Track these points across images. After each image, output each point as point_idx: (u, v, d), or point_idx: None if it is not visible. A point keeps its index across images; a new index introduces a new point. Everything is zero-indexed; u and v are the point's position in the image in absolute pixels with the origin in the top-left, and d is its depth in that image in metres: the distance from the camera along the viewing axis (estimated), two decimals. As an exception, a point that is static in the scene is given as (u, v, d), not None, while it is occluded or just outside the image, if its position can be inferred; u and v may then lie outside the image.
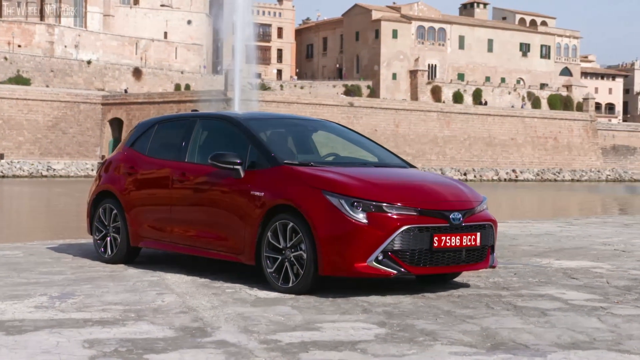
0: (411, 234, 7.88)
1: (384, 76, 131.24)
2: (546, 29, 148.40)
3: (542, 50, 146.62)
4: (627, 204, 52.52)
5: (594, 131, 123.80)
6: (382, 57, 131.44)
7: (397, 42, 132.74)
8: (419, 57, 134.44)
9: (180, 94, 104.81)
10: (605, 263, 10.95)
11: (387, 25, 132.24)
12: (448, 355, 5.80)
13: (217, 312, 7.19)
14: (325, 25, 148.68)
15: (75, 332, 6.33)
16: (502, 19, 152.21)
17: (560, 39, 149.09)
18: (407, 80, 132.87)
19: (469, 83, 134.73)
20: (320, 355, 5.74)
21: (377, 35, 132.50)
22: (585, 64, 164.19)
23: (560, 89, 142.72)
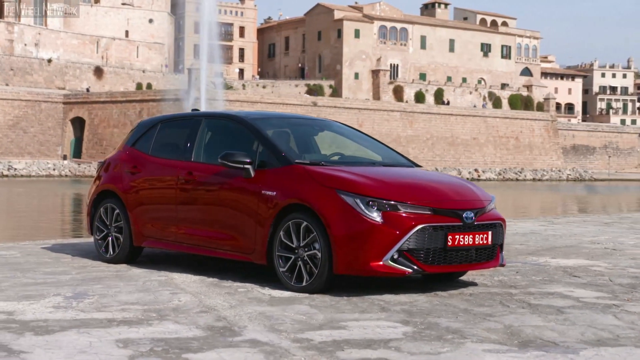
0: (426, 233, 7.93)
1: (346, 76, 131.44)
2: (507, 29, 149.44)
3: (502, 51, 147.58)
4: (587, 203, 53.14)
5: (555, 131, 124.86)
6: (345, 57, 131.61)
7: (360, 41, 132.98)
8: (381, 56, 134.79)
9: (144, 93, 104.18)
10: (600, 261, 11.07)
11: (350, 25, 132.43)
12: (482, 353, 5.85)
13: (237, 312, 7.19)
14: (287, 24, 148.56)
15: (103, 332, 6.31)
16: (463, 19, 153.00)
17: (520, 40, 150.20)
18: (369, 79, 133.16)
19: (430, 83, 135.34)
20: (356, 353, 5.77)
21: (339, 35, 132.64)
22: (545, 64, 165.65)
23: (521, 89, 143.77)
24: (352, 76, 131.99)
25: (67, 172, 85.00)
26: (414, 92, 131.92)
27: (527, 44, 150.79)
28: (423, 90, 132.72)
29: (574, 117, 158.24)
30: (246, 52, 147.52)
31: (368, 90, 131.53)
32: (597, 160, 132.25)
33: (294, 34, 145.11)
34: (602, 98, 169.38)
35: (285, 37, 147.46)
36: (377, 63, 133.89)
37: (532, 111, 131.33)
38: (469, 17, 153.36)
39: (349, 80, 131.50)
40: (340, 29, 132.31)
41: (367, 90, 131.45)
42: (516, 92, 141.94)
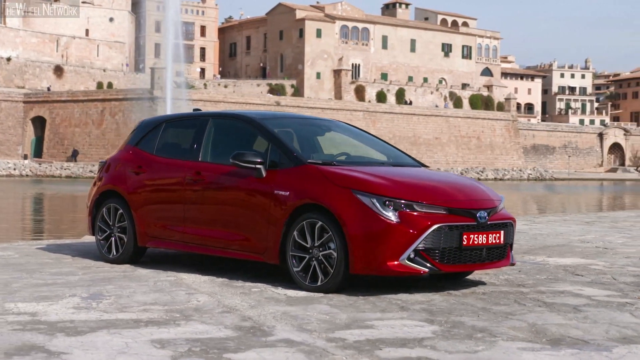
0: (442, 232, 7.99)
1: (308, 75, 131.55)
2: (467, 29, 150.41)
3: (463, 51, 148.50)
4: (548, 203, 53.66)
5: (516, 131, 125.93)
6: (306, 57, 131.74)
7: (321, 41, 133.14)
8: (343, 56, 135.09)
9: (105, 92, 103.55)
10: (596, 260, 11.20)
11: (311, 25, 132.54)
12: (518, 351, 5.91)
13: (260, 312, 7.19)
14: (248, 24, 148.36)
15: (134, 333, 6.29)
16: (424, 20, 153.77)
17: (481, 40, 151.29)
18: (331, 79, 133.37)
19: (392, 83, 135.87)
20: (395, 352, 5.80)
21: (301, 35, 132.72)
22: (505, 65, 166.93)
23: (482, 89, 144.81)
24: (314, 76, 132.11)
25: (28, 172, 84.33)
26: (376, 92, 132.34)
27: (487, 44, 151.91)
28: (385, 90, 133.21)
29: (533, 117, 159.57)
30: (207, 51, 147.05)
31: (330, 90, 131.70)
32: (556, 159, 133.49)
33: (255, 33, 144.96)
34: (561, 98, 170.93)
35: (247, 37, 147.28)
36: (339, 63, 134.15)
37: (493, 111, 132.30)
38: (430, 17, 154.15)
39: (310, 80, 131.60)
40: (302, 28, 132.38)
41: (329, 89, 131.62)
42: (477, 92, 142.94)
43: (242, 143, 9.30)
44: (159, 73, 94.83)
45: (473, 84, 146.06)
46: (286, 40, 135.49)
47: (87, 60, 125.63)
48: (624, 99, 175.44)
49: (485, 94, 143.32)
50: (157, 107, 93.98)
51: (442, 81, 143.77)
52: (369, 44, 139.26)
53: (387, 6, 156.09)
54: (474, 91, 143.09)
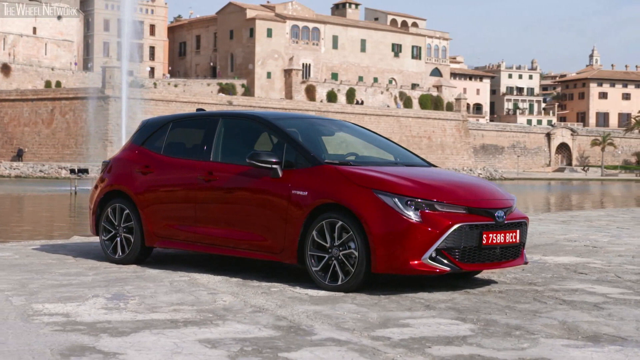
0: (462, 231, 8.08)
1: (258, 75, 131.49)
2: (417, 30, 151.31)
3: (413, 51, 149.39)
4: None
5: (466, 131, 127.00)
6: (257, 56, 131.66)
7: (272, 41, 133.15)
8: (294, 56, 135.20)
9: (55, 91, 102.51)
10: (592, 259, 11.38)
11: (262, 24, 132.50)
12: (563, 348, 6.01)
13: (291, 311, 7.21)
14: (198, 23, 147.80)
15: (177, 333, 6.28)
16: (374, 20, 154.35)
17: (430, 40, 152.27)
18: (281, 79, 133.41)
19: (342, 83, 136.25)
20: (445, 350, 5.87)
21: (251, 34, 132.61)
22: (454, 65, 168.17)
23: (431, 89, 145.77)
24: (264, 75, 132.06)
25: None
26: (326, 92, 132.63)
27: (436, 44, 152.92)
28: (335, 90, 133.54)
29: (482, 117, 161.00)
30: (157, 50, 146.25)
31: (280, 90, 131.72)
32: (505, 159, 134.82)
33: (205, 32, 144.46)
34: (509, 98, 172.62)
35: (197, 36, 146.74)
36: (290, 62, 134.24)
37: (444, 111, 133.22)
38: (380, 17, 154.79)
39: (261, 80, 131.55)
40: (253, 28, 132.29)
41: (279, 89, 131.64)
42: (426, 92, 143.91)
43: (256, 143, 9.32)
44: (110, 72, 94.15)
45: (423, 84, 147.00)
46: (236, 39, 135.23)
47: (35, 59, 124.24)
48: (570, 99, 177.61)
49: (434, 94, 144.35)
50: (108, 107, 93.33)
51: (392, 81, 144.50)
52: (319, 43, 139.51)
53: (336, 6, 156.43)
54: (424, 91, 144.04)
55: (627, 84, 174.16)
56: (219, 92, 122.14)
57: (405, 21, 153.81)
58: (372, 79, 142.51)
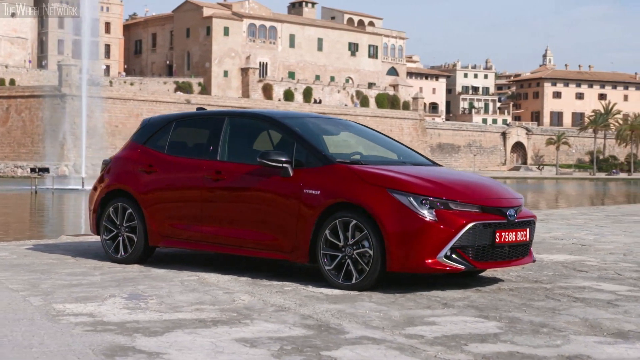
0: (477, 230, 8.15)
1: (215, 73, 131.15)
2: (373, 29, 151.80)
3: (369, 50, 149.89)
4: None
5: (423, 130, 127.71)
6: (214, 55, 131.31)
7: (229, 39, 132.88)
8: (251, 54, 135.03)
9: (11, 89, 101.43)
10: (585, 257, 11.52)
11: (219, 23, 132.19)
12: (597, 344, 6.09)
13: (313, 310, 7.23)
14: (154, 20, 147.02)
15: (210, 332, 6.27)
16: (330, 19, 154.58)
17: (387, 40, 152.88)
18: (238, 77, 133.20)
19: (299, 81, 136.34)
20: (482, 347, 5.92)
21: (208, 32, 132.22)
22: (411, 64, 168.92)
23: (388, 88, 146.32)
24: (221, 74, 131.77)
25: None
26: (283, 91, 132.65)
27: (393, 44, 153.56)
28: (292, 89, 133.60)
29: (438, 116, 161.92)
30: (112, 48, 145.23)
31: (237, 88, 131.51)
32: (461, 158, 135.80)
33: (161, 30, 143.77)
34: (464, 98, 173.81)
35: (153, 34, 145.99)
36: (247, 61, 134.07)
37: (401, 110, 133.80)
38: (337, 16, 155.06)
39: (218, 78, 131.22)
40: (210, 26, 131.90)
41: (236, 88, 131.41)
42: (383, 91, 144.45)
43: (265, 143, 9.32)
44: (67, 70, 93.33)
45: (379, 83, 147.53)
46: (193, 38, 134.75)
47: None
48: (524, 98, 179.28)
49: (391, 93, 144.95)
50: (65, 105, 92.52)
51: (348, 80, 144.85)
52: (276, 42, 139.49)
53: (293, 5, 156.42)
54: (380, 90, 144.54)
55: (580, 83, 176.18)
56: (176, 91, 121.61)
57: (362, 20, 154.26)
58: (329, 77, 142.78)
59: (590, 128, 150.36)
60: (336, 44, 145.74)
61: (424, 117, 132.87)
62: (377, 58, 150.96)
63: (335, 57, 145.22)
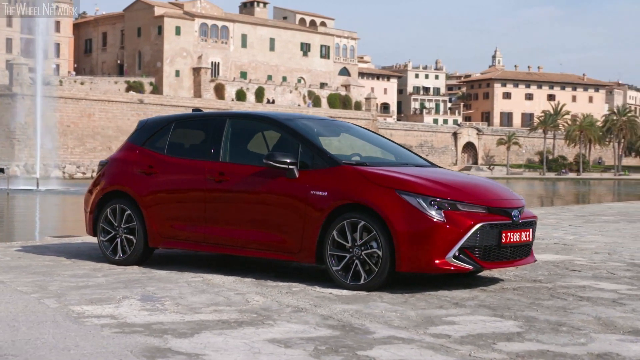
0: (484, 230, 8.28)
1: (167, 73, 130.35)
2: (325, 29, 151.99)
3: (321, 50, 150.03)
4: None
5: (376, 130, 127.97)
6: (165, 54, 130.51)
7: (180, 39, 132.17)
8: (202, 54, 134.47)
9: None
10: (572, 256, 11.72)
11: (170, 22, 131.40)
12: (621, 342, 6.23)
13: (330, 311, 7.29)
14: (104, 19, 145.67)
15: (238, 333, 6.31)
16: (282, 19, 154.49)
17: (339, 40, 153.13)
18: (190, 77, 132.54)
19: (251, 81, 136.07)
20: (511, 346, 6.03)
21: (160, 32, 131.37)
22: (362, 65, 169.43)
23: (339, 89, 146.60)
24: (173, 74, 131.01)
25: None
26: (236, 91, 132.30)
27: (345, 44, 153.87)
28: (244, 89, 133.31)
29: (389, 116, 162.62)
30: (62, 47, 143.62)
31: (189, 88, 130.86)
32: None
33: (112, 29, 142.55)
34: (415, 98, 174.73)
35: (103, 33, 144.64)
36: (198, 61, 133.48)
37: (354, 110, 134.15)
38: (289, 16, 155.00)
39: (169, 78, 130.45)
40: (161, 25, 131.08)
41: (188, 88, 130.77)
42: (335, 91, 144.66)
43: (268, 144, 9.37)
44: (18, 69, 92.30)
45: (331, 84, 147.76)
46: (144, 37, 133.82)
47: None
48: (475, 99, 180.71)
49: (343, 94, 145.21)
50: (16, 104, 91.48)
51: (300, 80, 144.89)
52: (228, 42, 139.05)
53: (244, 4, 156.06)
54: (332, 90, 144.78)
55: (529, 84, 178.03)
56: (127, 91, 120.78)
57: (313, 20, 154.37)
58: (281, 78, 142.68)
59: (540, 128, 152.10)
60: (288, 44, 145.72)
61: (377, 118, 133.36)
62: (329, 58, 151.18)
63: (287, 57, 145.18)
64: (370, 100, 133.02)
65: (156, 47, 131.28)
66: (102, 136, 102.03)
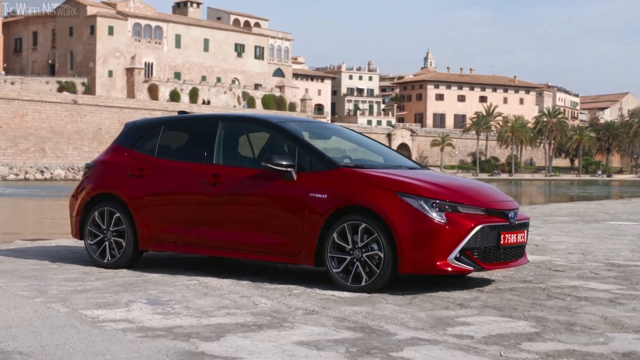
0: (484, 232, 8.40)
1: (99, 73, 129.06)
2: (260, 30, 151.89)
3: (256, 51, 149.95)
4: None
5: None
6: (98, 54, 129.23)
7: (113, 38, 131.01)
8: (136, 54, 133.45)
9: None
10: (548, 257, 11.92)
11: (103, 22, 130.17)
12: (638, 341, 6.38)
13: (341, 313, 7.32)
14: (35, 18, 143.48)
15: (264, 336, 6.31)
16: (216, 19, 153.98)
17: (273, 41, 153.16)
18: (123, 78, 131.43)
19: (185, 82, 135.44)
20: (537, 346, 6.12)
21: (92, 32, 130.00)
22: (297, 66, 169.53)
23: (274, 90, 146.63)
24: (105, 74, 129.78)
25: None
26: (169, 91, 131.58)
27: (279, 45, 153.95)
28: (178, 90, 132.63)
29: (323, 117, 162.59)
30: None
31: (122, 89, 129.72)
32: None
33: (43, 28, 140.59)
34: (349, 99, 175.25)
35: (34, 32, 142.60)
36: (132, 61, 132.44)
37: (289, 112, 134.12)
38: (223, 17, 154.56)
39: (102, 78, 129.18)
40: (94, 25, 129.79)
41: (121, 88, 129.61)
42: (269, 92, 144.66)
43: (264, 147, 9.37)
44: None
45: (266, 84, 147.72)
46: (76, 36, 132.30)
47: None
48: (408, 100, 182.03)
49: (277, 95, 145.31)
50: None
51: (235, 81, 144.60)
52: (162, 42, 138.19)
53: (178, 5, 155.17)
54: (267, 91, 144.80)
55: (462, 86, 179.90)
56: (59, 91, 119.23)
57: (248, 21, 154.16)
58: (216, 78, 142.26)
59: (472, 130, 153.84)
60: (222, 44, 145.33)
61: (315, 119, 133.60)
62: (263, 59, 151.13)
63: (221, 58, 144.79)
64: (306, 102, 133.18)
65: (89, 47, 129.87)
66: (35, 137, 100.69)
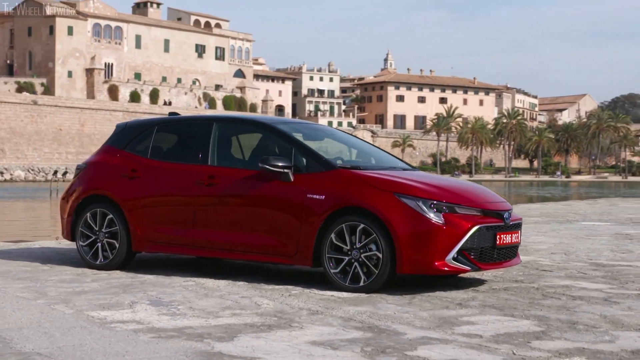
0: (481, 232, 8.50)
1: (59, 74, 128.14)
2: (221, 31, 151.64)
3: (217, 52, 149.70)
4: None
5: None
6: (57, 54, 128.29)
7: (73, 39, 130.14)
8: (96, 55, 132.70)
9: None
10: (532, 257, 12.06)
11: (62, 22, 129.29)
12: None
13: (345, 313, 7.37)
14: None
15: (276, 336, 6.34)
16: (177, 20, 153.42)
17: (234, 42, 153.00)
18: (83, 78, 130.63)
19: (146, 83, 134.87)
20: (545, 344, 6.21)
21: (51, 32, 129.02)
22: (257, 67, 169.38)
23: (235, 90, 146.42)
24: (65, 74, 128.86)
25: None
26: (130, 92, 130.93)
27: (240, 46, 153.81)
28: (138, 90, 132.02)
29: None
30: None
31: (82, 89, 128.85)
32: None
33: (0, 28, 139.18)
34: (310, 100, 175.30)
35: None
36: (92, 61, 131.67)
37: (250, 113, 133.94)
38: (183, 17, 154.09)
39: (62, 79, 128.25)
40: (53, 25, 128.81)
41: (81, 89, 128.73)
42: (230, 93, 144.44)
43: (259, 148, 9.41)
44: None
45: (226, 85, 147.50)
46: (35, 36, 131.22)
47: None
48: (369, 101, 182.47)
49: (238, 95, 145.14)
50: None
51: (195, 82, 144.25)
52: (122, 43, 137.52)
53: (138, 5, 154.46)
54: (228, 92, 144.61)
55: (422, 87, 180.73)
56: (18, 91, 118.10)
57: (208, 22, 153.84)
58: (176, 79, 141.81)
59: (433, 131, 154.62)
60: (183, 45, 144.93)
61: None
62: (224, 60, 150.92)
63: (182, 59, 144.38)
64: (268, 102, 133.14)
65: (48, 47, 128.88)
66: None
